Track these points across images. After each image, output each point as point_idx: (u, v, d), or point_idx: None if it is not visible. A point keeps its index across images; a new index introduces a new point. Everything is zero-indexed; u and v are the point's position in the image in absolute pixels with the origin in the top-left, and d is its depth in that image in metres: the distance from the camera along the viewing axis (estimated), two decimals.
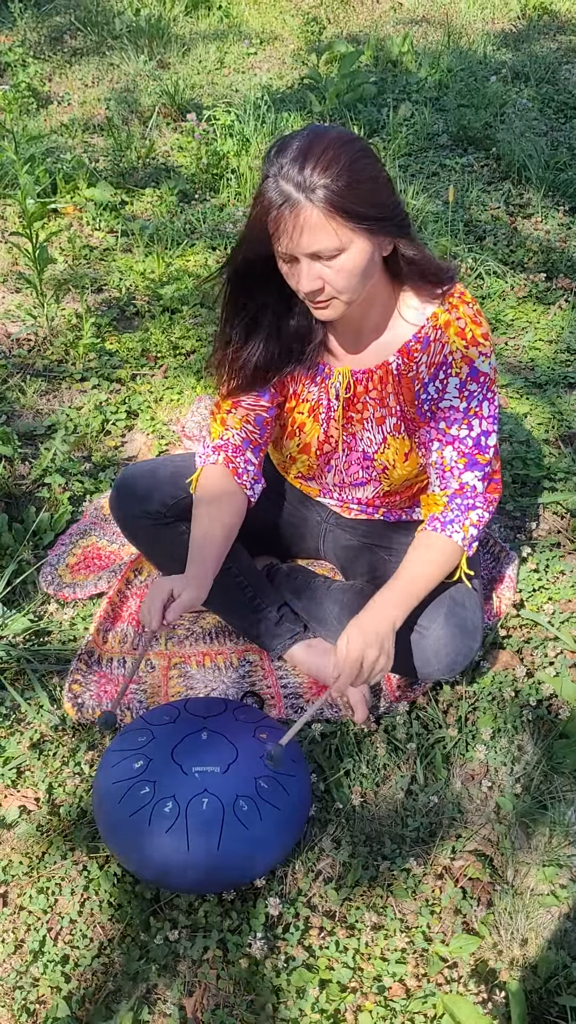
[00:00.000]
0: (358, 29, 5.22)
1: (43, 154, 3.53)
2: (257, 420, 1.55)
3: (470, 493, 1.47)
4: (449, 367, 1.41)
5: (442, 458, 1.46)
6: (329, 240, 1.25)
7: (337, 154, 1.22)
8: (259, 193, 1.27)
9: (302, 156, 1.22)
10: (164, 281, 2.92)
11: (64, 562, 1.94)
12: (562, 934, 1.30)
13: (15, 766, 1.54)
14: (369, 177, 1.25)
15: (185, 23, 5.44)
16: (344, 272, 1.28)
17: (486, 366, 1.42)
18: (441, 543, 1.47)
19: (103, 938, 1.32)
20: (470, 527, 1.48)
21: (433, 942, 1.30)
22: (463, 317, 1.39)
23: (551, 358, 2.56)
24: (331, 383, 1.51)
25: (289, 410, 1.58)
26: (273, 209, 1.24)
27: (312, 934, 1.30)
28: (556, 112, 4.12)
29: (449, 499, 1.48)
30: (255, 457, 1.57)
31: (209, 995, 1.25)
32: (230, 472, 1.53)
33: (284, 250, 1.28)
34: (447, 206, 3.28)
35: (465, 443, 1.45)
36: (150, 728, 1.44)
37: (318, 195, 1.21)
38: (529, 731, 1.56)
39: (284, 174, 1.23)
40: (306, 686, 1.67)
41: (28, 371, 2.56)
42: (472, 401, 1.43)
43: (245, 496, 1.55)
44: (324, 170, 1.21)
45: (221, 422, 1.56)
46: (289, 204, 1.23)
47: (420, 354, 1.43)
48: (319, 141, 1.24)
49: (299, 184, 1.22)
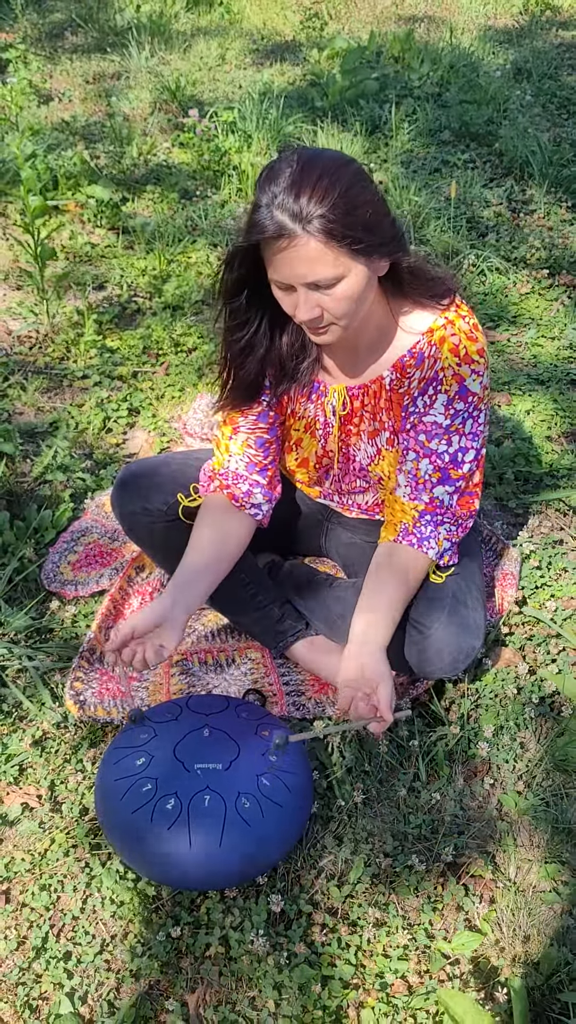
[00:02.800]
0: (360, 25, 5.21)
1: (44, 151, 3.53)
2: (259, 442, 1.54)
3: (440, 509, 1.46)
4: (439, 383, 1.40)
5: (417, 469, 1.45)
6: (327, 270, 1.23)
7: (332, 181, 1.20)
8: (253, 223, 1.23)
9: (296, 184, 1.19)
10: (165, 278, 2.92)
11: (66, 559, 1.94)
12: (564, 931, 1.30)
13: (17, 763, 1.54)
14: (365, 202, 1.23)
15: (186, 19, 5.43)
16: (343, 299, 1.27)
17: (476, 385, 1.40)
18: (415, 559, 1.46)
19: (105, 935, 1.32)
20: (444, 541, 1.47)
21: (435, 939, 1.30)
22: (458, 333, 1.38)
23: (553, 355, 2.56)
24: (327, 401, 1.51)
25: (287, 427, 1.58)
26: (269, 240, 1.22)
27: (314, 931, 1.30)
28: (558, 108, 4.11)
29: (420, 515, 1.46)
30: (262, 477, 1.55)
31: (211, 992, 1.25)
32: (227, 499, 1.53)
33: (281, 279, 1.26)
34: (449, 202, 3.27)
35: (442, 457, 1.43)
36: (152, 725, 1.44)
37: (315, 225, 1.19)
38: (531, 728, 1.56)
39: (279, 203, 1.20)
40: (308, 683, 1.67)
41: (29, 369, 2.56)
42: (456, 419, 1.42)
43: (249, 518, 1.55)
44: (320, 199, 1.18)
45: (225, 449, 1.55)
46: (286, 235, 1.20)
47: (414, 369, 1.42)
48: (312, 167, 1.21)
49: (295, 214, 1.19)
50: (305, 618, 1.72)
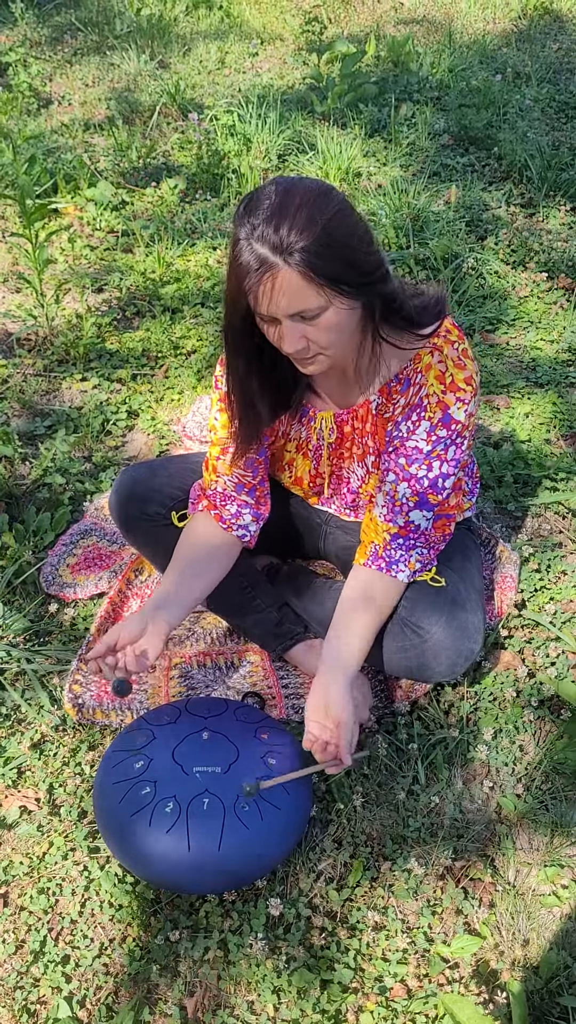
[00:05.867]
0: (359, 29, 5.22)
1: (44, 154, 3.53)
2: (248, 463, 1.53)
3: (413, 533, 1.45)
4: (423, 410, 1.39)
5: (395, 491, 1.43)
6: (310, 301, 1.21)
7: (312, 213, 1.17)
8: (233, 257, 1.21)
9: (276, 215, 1.17)
10: (165, 281, 2.92)
11: (65, 562, 1.94)
12: (564, 934, 1.30)
13: (16, 766, 1.54)
14: (347, 234, 1.20)
15: (186, 23, 5.44)
16: (328, 329, 1.25)
17: (461, 414, 1.38)
18: (386, 584, 1.46)
19: (104, 938, 1.31)
20: (415, 563, 1.47)
21: (435, 943, 1.30)
22: (445, 360, 1.36)
23: (552, 358, 2.56)
24: (315, 427, 1.51)
25: (279, 448, 1.58)
26: (250, 274, 1.19)
27: (313, 934, 1.30)
28: (557, 112, 4.11)
29: (392, 537, 1.45)
30: (251, 498, 1.55)
31: (210, 995, 1.24)
32: (214, 519, 1.54)
33: (264, 312, 1.23)
34: (448, 206, 3.28)
35: (421, 482, 1.42)
36: (151, 728, 1.44)
37: (295, 258, 1.17)
38: (531, 731, 1.56)
39: (258, 236, 1.17)
40: (307, 686, 1.67)
41: (28, 371, 2.56)
42: (438, 446, 1.40)
43: (236, 539, 1.56)
44: (301, 231, 1.16)
45: (212, 470, 1.55)
46: (266, 268, 1.18)
47: (399, 395, 1.41)
48: (291, 197, 1.18)
49: (275, 246, 1.17)
50: (304, 621, 1.72)
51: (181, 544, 1.54)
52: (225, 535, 1.55)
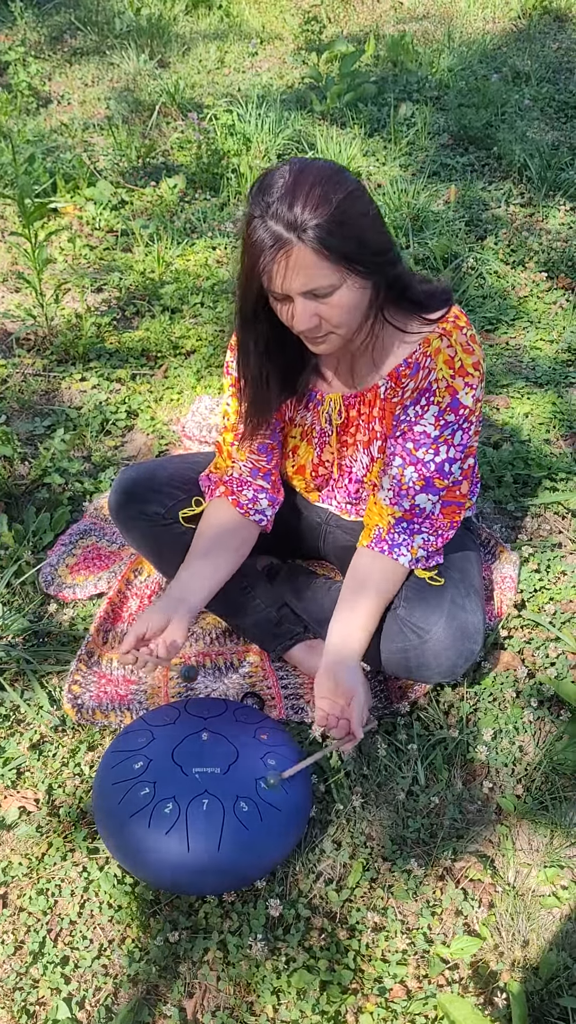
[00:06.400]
0: (358, 28, 5.22)
1: (43, 154, 3.53)
2: (261, 448, 1.55)
3: (418, 517, 1.46)
4: (432, 394, 1.40)
5: (401, 475, 1.45)
6: (323, 278, 1.23)
7: (326, 191, 1.19)
8: (247, 235, 1.23)
9: (290, 194, 1.19)
10: (164, 281, 2.92)
11: (64, 562, 1.94)
12: (563, 935, 1.30)
13: (15, 767, 1.54)
14: (360, 214, 1.22)
15: (185, 22, 5.43)
16: (340, 308, 1.26)
17: (469, 399, 1.40)
18: (389, 567, 1.48)
19: (103, 939, 1.31)
20: (418, 549, 1.48)
21: (434, 943, 1.29)
22: (455, 345, 1.38)
23: (552, 358, 2.56)
24: (323, 410, 1.51)
25: (284, 433, 1.59)
26: (265, 251, 1.21)
27: (313, 935, 1.30)
28: (557, 111, 4.11)
29: (396, 521, 1.47)
30: (266, 482, 1.57)
31: (209, 996, 1.24)
32: (231, 504, 1.55)
33: (278, 290, 1.25)
34: (448, 206, 3.27)
35: (428, 466, 1.43)
36: (150, 729, 1.44)
37: (309, 235, 1.19)
38: (530, 732, 1.56)
39: (272, 213, 1.19)
40: (306, 686, 1.67)
41: (28, 371, 2.56)
42: (446, 430, 1.42)
43: (253, 524, 1.58)
44: (314, 208, 1.18)
45: (228, 456, 1.57)
46: (280, 245, 1.20)
47: (408, 379, 1.42)
48: (305, 177, 1.20)
49: (289, 223, 1.19)
50: (303, 621, 1.71)
51: (199, 533, 1.56)
52: (242, 520, 1.56)
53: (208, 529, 1.55)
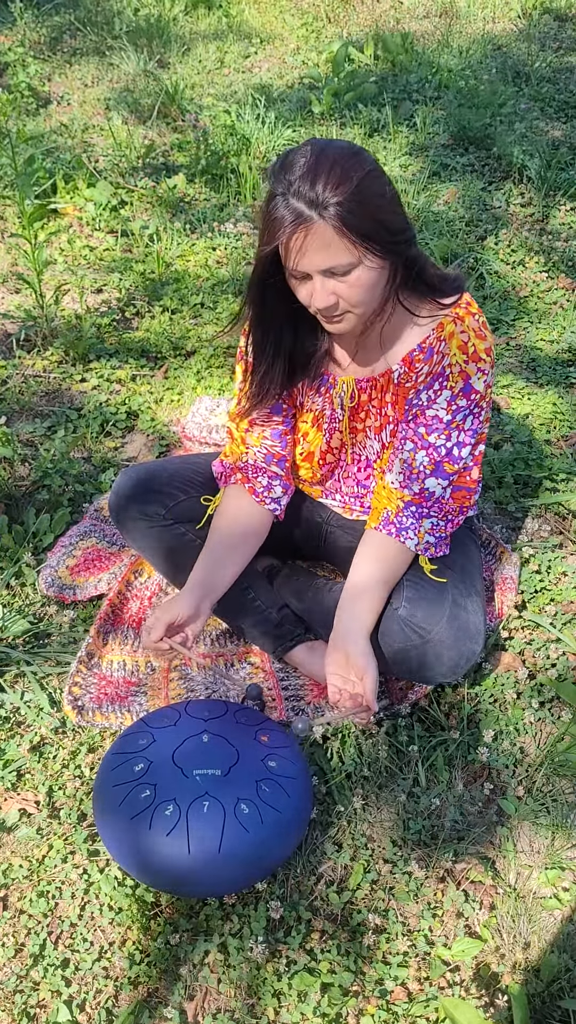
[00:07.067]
0: (359, 28, 5.22)
1: (43, 154, 3.53)
2: (275, 434, 1.56)
3: (427, 501, 1.47)
4: (445, 379, 1.41)
5: (412, 459, 1.46)
6: (343, 256, 1.24)
7: (347, 170, 1.21)
8: (267, 213, 1.25)
9: (311, 172, 1.21)
10: (164, 281, 2.92)
11: (64, 564, 1.93)
12: (565, 937, 1.30)
13: (15, 769, 1.54)
14: (379, 194, 1.24)
15: (185, 23, 5.43)
16: (358, 287, 1.28)
17: (480, 384, 1.41)
18: (395, 549, 1.49)
19: (103, 942, 1.31)
20: (425, 534, 1.49)
21: (435, 945, 1.29)
22: (468, 330, 1.39)
23: (552, 358, 2.56)
24: (335, 393, 1.51)
25: (295, 419, 1.59)
26: (285, 227, 1.23)
27: (313, 937, 1.29)
28: (557, 111, 4.11)
29: (405, 505, 1.48)
30: (280, 469, 1.59)
31: (210, 999, 1.24)
32: (247, 492, 1.57)
33: (297, 268, 1.27)
34: (448, 206, 3.27)
35: (439, 451, 1.45)
36: (151, 731, 1.43)
37: (330, 212, 1.20)
38: (531, 733, 1.56)
39: (294, 191, 1.21)
40: (307, 688, 1.67)
41: (28, 372, 2.56)
42: (458, 415, 1.43)
43: (267, 512, 1.59)
44: (336, 186, 1.20)
45: (241, 441, 1.57)
46: (302, 221, 1.22)
47: (422, 364, 1.43)
48: (326, 156, 1.22)
49: (311, 201, 1.20)
50: (304, 622, 1.71)
51: (215, 524, 1.58)
52: (256, 509, 1.58)
53: (226, 519, 1.57)
